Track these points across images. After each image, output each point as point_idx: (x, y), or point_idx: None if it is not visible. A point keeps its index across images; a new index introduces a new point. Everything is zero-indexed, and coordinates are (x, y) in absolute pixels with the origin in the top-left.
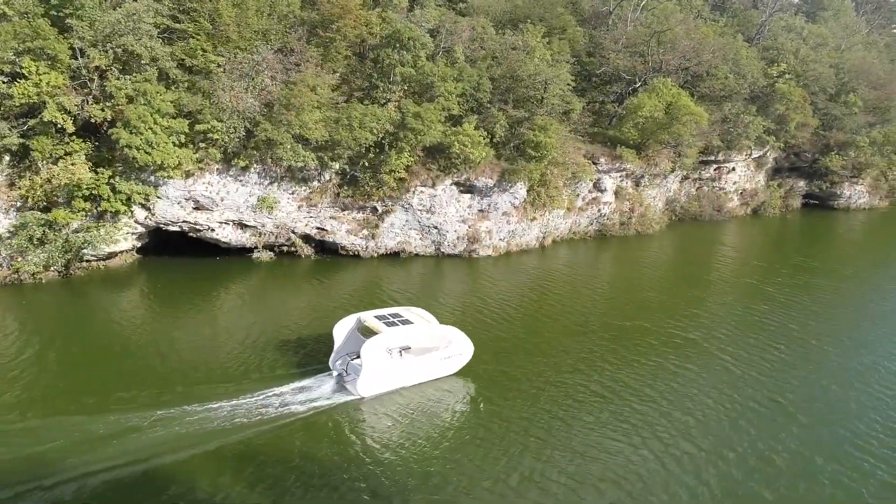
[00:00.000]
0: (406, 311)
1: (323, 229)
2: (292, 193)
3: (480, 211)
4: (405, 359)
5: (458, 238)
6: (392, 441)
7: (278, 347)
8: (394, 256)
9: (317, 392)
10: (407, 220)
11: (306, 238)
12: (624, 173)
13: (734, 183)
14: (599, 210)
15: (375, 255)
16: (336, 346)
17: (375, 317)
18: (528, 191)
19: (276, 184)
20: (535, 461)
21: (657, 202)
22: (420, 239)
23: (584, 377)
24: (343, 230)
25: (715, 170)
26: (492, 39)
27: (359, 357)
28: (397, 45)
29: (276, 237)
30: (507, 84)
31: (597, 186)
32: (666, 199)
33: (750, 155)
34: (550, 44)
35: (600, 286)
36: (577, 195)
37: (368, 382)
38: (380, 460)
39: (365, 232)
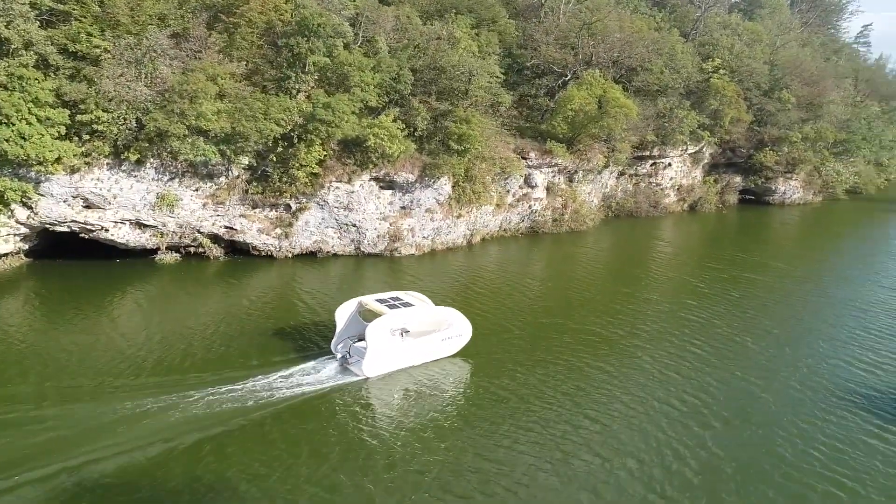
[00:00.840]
0: (405, 295)
1: (232, 228)
2: (196, 190)
3: (403, 208)
4: (407, 340)
5: (378, 236)
6: (399, 416)
7: (168, 354)
8: (310, 256)
9: (321, 375)
10: (323, 218)
11: (215, 238)
12: (556, 169)
13: (670, 179)
14: (530, 206)
15: (290, 255)
16: (338, 329)
17: (377, 300)
18: (453, 187)
19: (176, 180)
20: (418, 476)
21: (592, 198)
22: (338, 238)
23: (487, 380)
24: (254, 229)
25: (651, 166)
26: (416, 29)
27: (361, 340)
28: (308, 33)
29: (180, 237)
30: (430, 75)
31: (527, 182)
32: (602, 195)
33: (686, 150)
34: (478, 35)
35: (527, 284)
36: (508, 191)
37: (373, 363)
38: (389, 433)
39: (278, 231)
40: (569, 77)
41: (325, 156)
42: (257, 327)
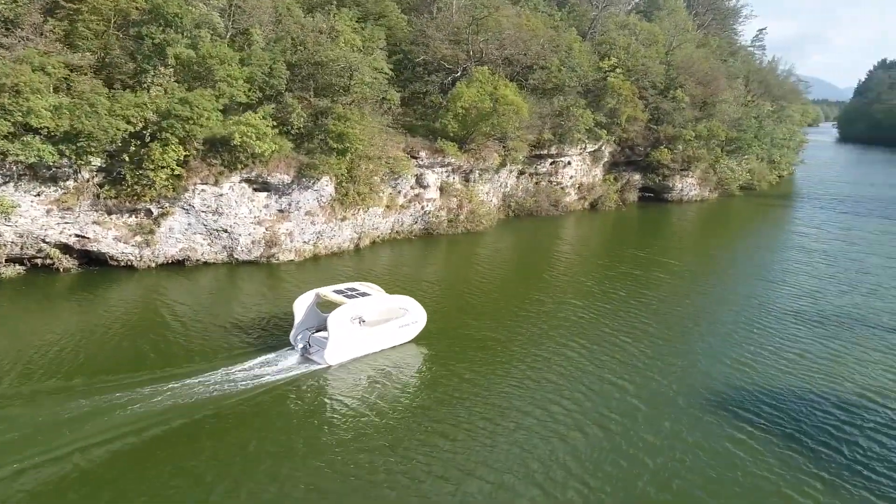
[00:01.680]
0: (360, 286)
1: (84, 237)
2: (38, 195)
3: (280, 211)
4: (365, 328)
5: (253, 242)
6: (359, 400)
7: None
8: (178, 265)
9: (283, 364)
10: (190, 224)
11: (66, 248)
12: (450, 168)
13: (570, 177)
14: (423, 207)
15: (154, 264)
16: (296, 321)
17: (334, 291)
18: (336, 188)
19: (11, 183)
20: None
21: (491, 198)
22: (208, 245)
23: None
24: (110, 237)
25: (551, 164)
26: (296, 22)
27: (319, 330)
28: (163, 22)
29: (21, 248)
30: (308, 70)
31: (419, 182)
32: (503, 194)
33: (585, 149)
34: (364, 29)
35: (412, 288)
36: (399, 192)
37: (335, 350)
38: (350, 418)
39: (138, 238)
40: (459, 74)
41: (188, 156)
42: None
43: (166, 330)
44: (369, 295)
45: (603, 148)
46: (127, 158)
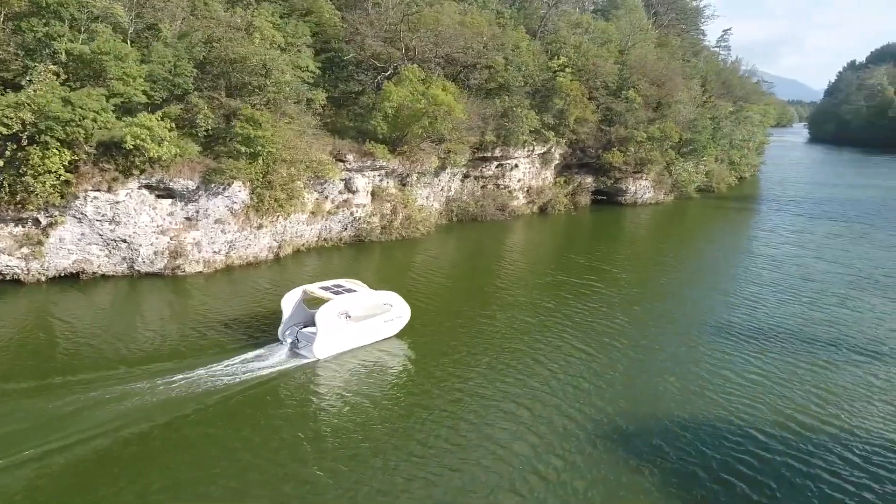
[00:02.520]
0: (346, 282)
1: None
2: None
3: (187, 219)
4: (352, 323)
5: (156, 253)
6: (348, 393)
7: None
8: (72, 279)
9: (272, 359)
10: (84, 234)
11: None
12: (383, 172)
13: (518, 180)
14: (352, 213)
15: (44, 278)
16: (284, 318)
17: (321, 288)
18: (250, 194)
19: None
20: None
21: (432, 202)
22: (106, 256)
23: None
24: None
25: (497, 167)
26: (209, 16)
27: (307, 326)
28: (46, 13)
29: None
30: (221, 68)
31: (348, 187)
32: (446, 198)
33: (532, 151)
34: (286, 25)
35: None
36: (326, 197)
37: (324, 345)
38: (338, 410)
39: (25, 250)
40: (390, 73)
41: (77, 160)
42: None
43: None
44: (355, 291)
45: (553, 150)
46: (1, 163)
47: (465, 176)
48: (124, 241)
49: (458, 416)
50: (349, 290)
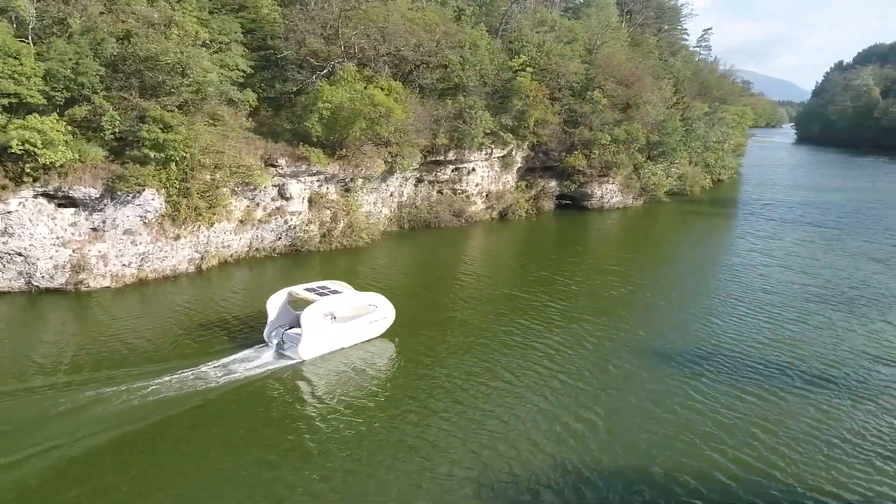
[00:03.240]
0: (331, 284)
1: None
2: None
3: (93, 230)
4: (337, 324)
5: (56, 267)
6: (333, 393)
7: None
8: None
9: (259, 360)
10: None
11: None
12: (321, 177)
13: (477, 185)
14: (286, 221)
15: None
16: (270, 319)
17: (306, 289)
18: (166, 202)
19: None
20: None
21: (381, 209)
22: None
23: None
24: None
25: (454, 171)
26: (130, 11)
27: (292, 327)
28: None
29: None
30: (134, 66)
31: (281, 194)
32: (398, 204)
33: (491, 154)
34: (213, 21)
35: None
36: (258, 205)
37: (309, 346)
38: (324, 410)
39: None
40: (326, 72)
41: None
42: None
43: None
44: (340, 292)
45: (514, 153)
46: None
47: (419, 180)
48: (19, 254)
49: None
50: (334, 292)
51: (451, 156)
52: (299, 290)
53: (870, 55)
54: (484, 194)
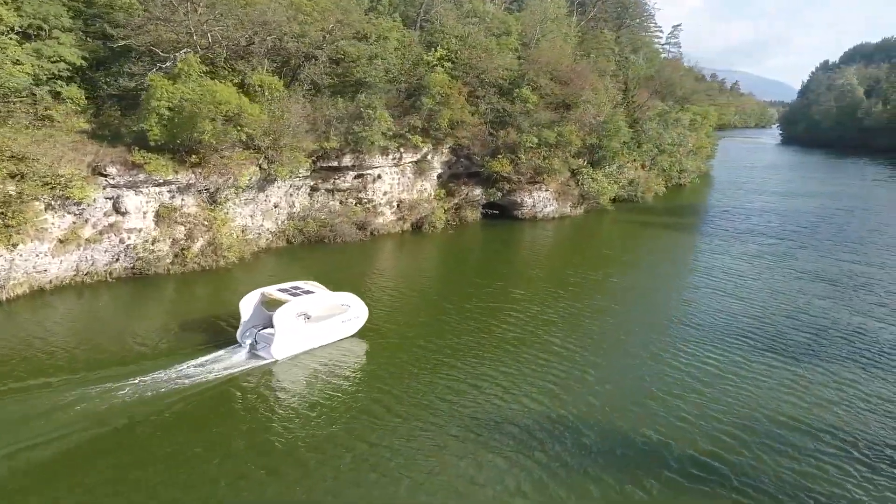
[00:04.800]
0: (304, 284)
1: None
2: None
3: None
4: (310, 323)
5: None
6: (305, 393)
7: None
8: None
9: (231, 360)
10: None
11: None
12: (173, 187)
13: (385, 193)
14: (123, 240)
15: None
16: (243, 320)
17: (279, 290)
18: None
19: None
20: None
21: (260, 222)
22: None
23: None
24: None
25: (357, 178)
26: None
27: (265, 328)
28: None
29: None
30: None
31: (116, 207)
32: (288, 215)
33: (400, 159)
34: (26, 4)
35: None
36: (86, 221)
37: (282, 346)
38: (296, 409)
39: None
40: (166, 65)
41: None
42: None
43: None
44: (313, 292)
45: (430, 157)
46: None
47: (314, 189)
48: None
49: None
50: (307, 292)
51: (347, 161)
52: (272, 290)
53: (855, 55)
54: (394, 204)
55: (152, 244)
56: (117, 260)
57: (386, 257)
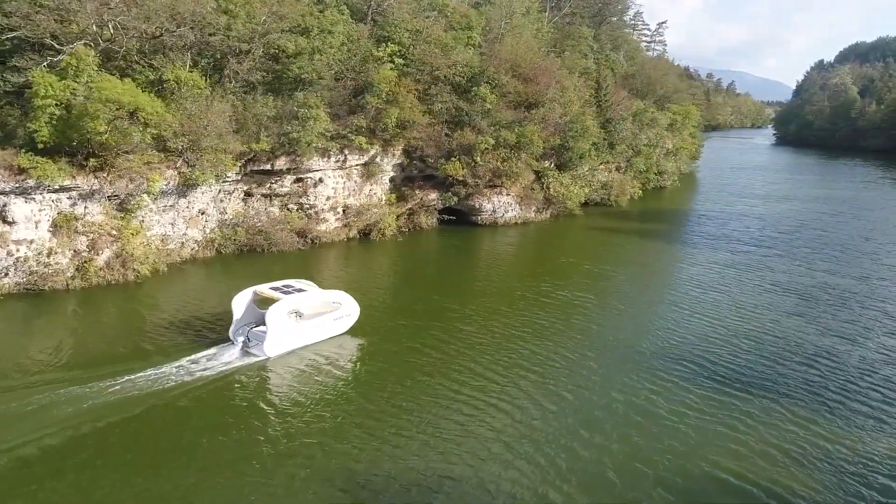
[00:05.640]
0: (296, 282)
1: None
2: None
3: None
4: (302, 321)
5: None
6: (298, 390)
7: None
8: None
9: (224, 358)
10: None
11: None
12: (74, 193)
13: (328, 198)
14: (11, 253)
15: None
16: (235, 318)
17: (271, 288)
18: None
19: None
20: None
21: (184, 231)
22: None
23: None
24: None
25: (296, 182)
26: None
27: (258, 326)
28: None
29: None
30: None
31: (2, 216)
32: (219, 223)
33: (344, 161)
34: None
35: None
36: None
37: (274, 343)
38: (288, 408)
39: None
40: (58, 58)
41: None
42: None
43: None
44: (305, 290)
45: (379, 159)
46: None
47: (248, 194)
48: None
49: None
50: (299, 290)
51: (281, 164)
52: (264, 288)
53: (850, 54)
54: (339, 209)
55: (48, 257)
56: (6, 275)
57: (322, 268)
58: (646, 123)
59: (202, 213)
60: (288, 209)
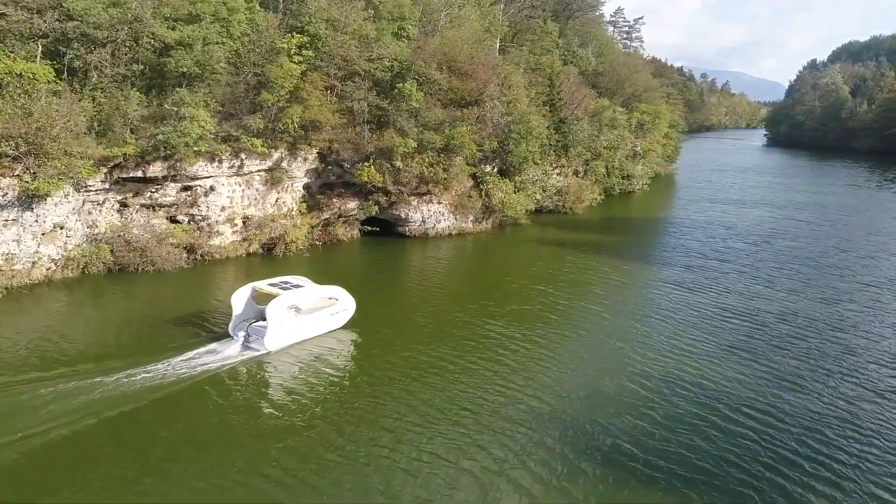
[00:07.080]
0: (293, 279)
1: None
2: None
3: None
4: (301, 316)
5: None
6: (299, 383)
7: None
8: None
9: (225, 353)
10: None
11: None
12: None
13: (223, 209)
14: None
15: None
16: (234, 314)
17: (269, 284)
18: None
19: None
20: None
21: (35, 248)
22: None
23: None
24: None
25: (184, 190)
26: None
27: (258, 321)
28: None
29: None
30: None
31: None
32: (88, 238)
33: (241, 167)
34: None
35: None
36: None
37: (275, 337)
38: (289, 401)
39: None
40: None
41: None
42: None
43: None
44: (302, 286)
45: (285, 164)
46: None
47: (123, 204)
48: None
49: None
50: (297, 286)
51: (157, 170)
52: (263, 285)
53: (843, 53)
54: (237, 221)
55: None
56: None
57: (204, 288)
58: (605, 124)
59: (60, 228)
60: (176, 221)
